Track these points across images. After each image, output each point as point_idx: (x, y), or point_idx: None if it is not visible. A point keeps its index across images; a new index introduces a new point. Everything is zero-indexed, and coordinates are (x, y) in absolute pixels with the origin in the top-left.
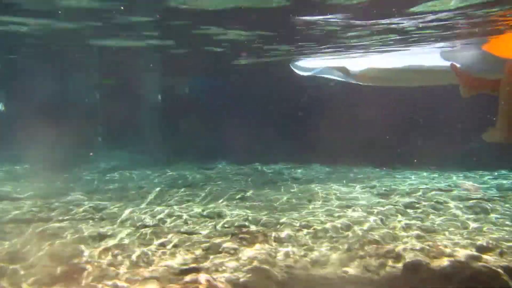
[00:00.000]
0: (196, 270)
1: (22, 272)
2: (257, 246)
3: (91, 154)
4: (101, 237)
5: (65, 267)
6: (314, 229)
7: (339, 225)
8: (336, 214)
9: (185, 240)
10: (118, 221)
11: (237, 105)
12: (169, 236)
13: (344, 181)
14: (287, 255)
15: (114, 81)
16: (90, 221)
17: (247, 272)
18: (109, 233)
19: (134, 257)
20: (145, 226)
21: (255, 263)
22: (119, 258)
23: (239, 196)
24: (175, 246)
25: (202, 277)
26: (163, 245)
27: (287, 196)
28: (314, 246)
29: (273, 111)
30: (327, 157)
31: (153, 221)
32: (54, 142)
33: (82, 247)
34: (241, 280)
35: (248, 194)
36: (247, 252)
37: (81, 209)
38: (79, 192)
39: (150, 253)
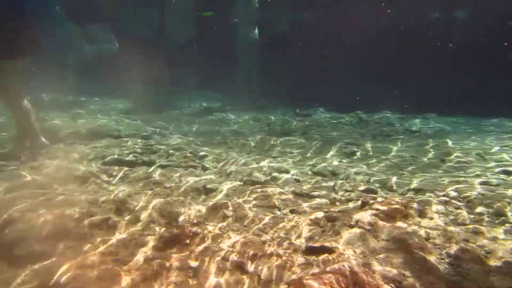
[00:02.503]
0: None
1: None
2: (400, 223)
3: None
4: (207, 191)
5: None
6: (469, 199)
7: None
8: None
9: (302, 207)
10: (224, 173)
11: (338, 46)
12: (285, 198)
13: (477, 135)
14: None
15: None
16: (192, 169)
17: None
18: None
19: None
20: (254, 183)
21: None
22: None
23: (349, 150)
24: (291, 211)
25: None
26: (278, 209)
27: (410, 153)
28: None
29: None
30: (444, 106)
31: (263, 177)
32: (149, 79)
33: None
34: None
35: (360, 148)
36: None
37: (181, 155)
38: (176, 135)
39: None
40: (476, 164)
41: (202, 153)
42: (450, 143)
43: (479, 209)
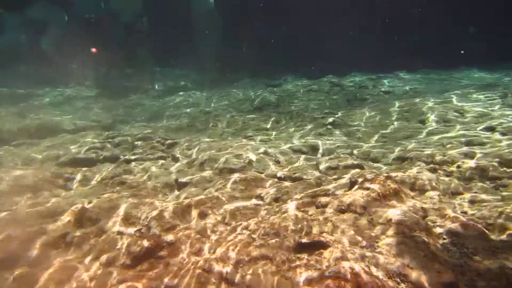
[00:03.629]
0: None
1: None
2: (394, 202)
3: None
4: (179, 185)
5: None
6: (460, 168)
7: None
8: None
9: (286, 193)
10: (194, 163)
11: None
12: (267, 185)
13: (449, 91)
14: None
15: None
16: (162, 161)
17: None
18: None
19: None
20: (231, 171)
21: None
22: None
23: (327, 120)
24: (275, 200)
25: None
26: (260, 198)
27: (388, 118)
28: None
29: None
30: (413, 62)
31: (239, 163)
32: (104, 62)
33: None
34: None
35: (337, 117)
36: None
37: (148, 145)
38: (141, 122)
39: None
40: (457, 122)
41: (170, 141)
42: (430, 103)
43: (469, 173)
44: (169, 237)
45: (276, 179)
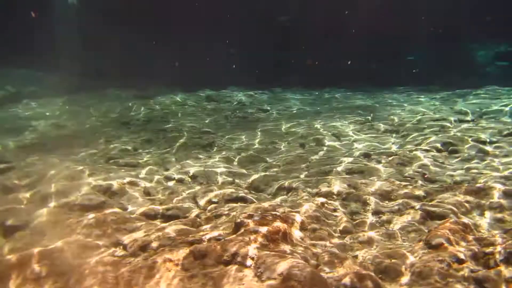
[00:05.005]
0: None
1: None
2: (284, 246)
3: None
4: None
5: None
6: (344, 201)
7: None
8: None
9: (159, 237)
10: (35, 197)
11: None
12: (133, 227)
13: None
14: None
15: None
16: None
17: None
18: None
19: None
20: (83, 207)
21: None
22: None
23: (204, 141)
24: (142, 248)
25: None
26: (123, 247)
27: (270, 138)
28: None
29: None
30: (291, 80)
31: (96, 197)
32: None
33: None
34: None
35: (217, 138)
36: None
37: None
38: None
39: None
40: (334, 144)
41: (5, 166)
42: (318, 125)
43: (354, 206)
44: None
45: (145, 217)
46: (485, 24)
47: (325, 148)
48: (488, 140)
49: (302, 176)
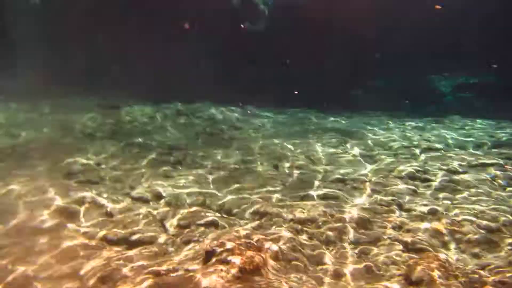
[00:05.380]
0: None
1: None
2: (258, 279)
3: None
4: None
5: None
6: (320, 229)
7: None
8: None
9: (118, 266)
10: None
11: None
12: (88, 255)
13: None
14: None
15: None
16: None
17: None
18: None
19: None
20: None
21: None
22: None
23: (172, 158)
24: (101, 280)
25: None
26: (78, 279)
27: (244, 156)
28: None
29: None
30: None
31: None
32: None
33: None
34: None
35: (188, 154)
36: None
37: None
38: None
39: None
40: (310, 168)
41: None
42: (290, 146)
43: (330, 234)
44: None
45: (106, 243)
46: (444, 57)
47: (299, 171)
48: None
49: (275, 199)
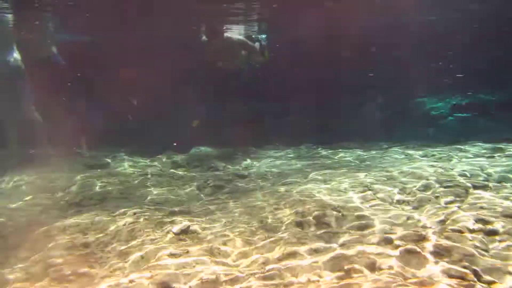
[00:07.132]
0: None
1: None
2: None
3: None
4: None
5: None
6: None
7: None
8: None
9: None
10: None
11: None
12: None
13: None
14: None
15: None
16: None
17: None
18: None
19: None
20: None
21: None
22: None
23: (177, 226)
24: None
25: None
26: None
27: (260, 215)
28: None
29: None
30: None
31: None
32: None
33: None
34: None
35: (191, 218)
36: None
37: None
38: None
39: None
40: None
41: None
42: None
43: None
44: None
45: None
46: (437, 77)
47: (329, 228)
48: None
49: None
